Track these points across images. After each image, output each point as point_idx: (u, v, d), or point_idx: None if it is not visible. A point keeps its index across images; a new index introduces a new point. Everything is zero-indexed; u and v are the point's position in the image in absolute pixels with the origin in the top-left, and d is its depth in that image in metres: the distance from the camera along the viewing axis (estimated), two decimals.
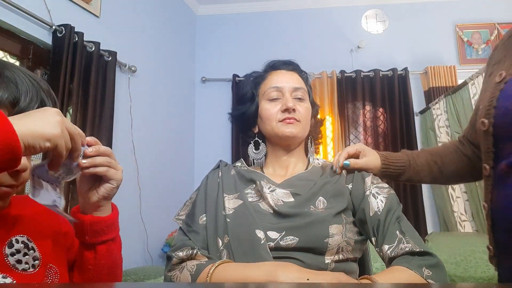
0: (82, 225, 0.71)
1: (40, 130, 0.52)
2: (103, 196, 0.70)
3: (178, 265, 0.89)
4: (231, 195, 0.98)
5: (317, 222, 0.90)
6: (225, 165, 1.08)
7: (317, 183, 0.99)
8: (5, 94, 0.61)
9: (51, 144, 0.53)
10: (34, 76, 0.69)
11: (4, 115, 0.50)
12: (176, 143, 3.22)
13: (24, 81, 0.65)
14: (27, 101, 0.63)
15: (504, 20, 3.38)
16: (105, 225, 0.73)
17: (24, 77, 0.66)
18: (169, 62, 3.21)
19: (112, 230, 0.75)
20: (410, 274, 0.79)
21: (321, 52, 3.49)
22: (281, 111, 1.03)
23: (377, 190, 0.95)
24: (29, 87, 0.65)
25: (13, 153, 0.49)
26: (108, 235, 0.74)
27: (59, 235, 0.78)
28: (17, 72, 0.66)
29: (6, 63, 0.67)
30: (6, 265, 0.65)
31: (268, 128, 1.05)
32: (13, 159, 0.49)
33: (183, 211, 1.02)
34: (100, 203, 0.71)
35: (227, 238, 0.89)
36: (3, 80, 0.63)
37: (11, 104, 0.62)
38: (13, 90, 0.63)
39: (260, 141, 1.09)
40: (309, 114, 1.07)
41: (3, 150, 0.48)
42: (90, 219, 0.71)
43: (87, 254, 0.73)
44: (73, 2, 2.19)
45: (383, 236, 0.88)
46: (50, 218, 0.78)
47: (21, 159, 0.51)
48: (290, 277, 0.75)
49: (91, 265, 0.74)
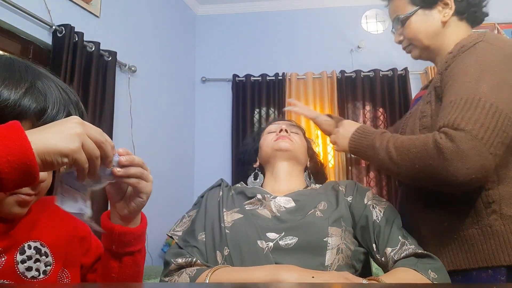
0: (111, 234, 0.72)
1: (56, 146, 0.51)
2: (134, 209, 0.70)
3: (177, 271, 0.88)
4: (230, 210, 0.98)
5: (316, 222, 0.90)
6: (226, 185, 1.11)
7: (318, 191, 1.04)
8: (33, 104, 0.61)
9: (69, 159, 0.52)
10: (65, 88, 0.69)
11: (22, 130, 0.49)
12: (176, 143, 3.22)
13: (54, 93, 0.65)
14: (53, 113, 0.63)
15: (504, 20, 3.38)
16: (133, 237, 0.73)
17: (54, 89, 0.66)
18: (169, 62, 3.21)
19: (139, 242, 0.75)
20: (416, 276, 0.79)
21: (321, 52, 3.48)
22: (276, 134, 1.16)
23: (376, 202, 0.98)
24: (57, 99, 0.65)
25: (29, 172, 0.48)
26: (135, 246, 0.75)
27: (75, 239, 0.79)
28: (49, 83, 0.66)
29: (41, 73, 0.68)
30: (15, 273, 0.65)
31: (266, 150, 1.15)
32: (30, 177, 0.49)
33: (179, 227, 1.01)
34: (131, 215, 0.72)
35: (227, 250, 0.88)
36: (34, 92, 0.63)
37: (37, 115, 0.62)
38: (41, 101, 0.63)
39: (259, 173, 1.18)
40: (303, 143, 1.17)
41: (19, 169, 0.47)
42: (119, 230, 0.71)
43: (112, 263, 0.74)
44: (73, 2, 2.19)
45: (385, 240, 0.89)
46: (67, 222, 0.79)
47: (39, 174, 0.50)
48: (294, 277, 0.74)
49: (115, 274, 0.74)
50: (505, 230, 0.87)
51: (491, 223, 0.88)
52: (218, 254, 0.89)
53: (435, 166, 0.81)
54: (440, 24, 1.03)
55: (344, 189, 1.03)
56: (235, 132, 3.40)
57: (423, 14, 1.03)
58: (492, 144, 0.79)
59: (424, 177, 0.85)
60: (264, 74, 3.42)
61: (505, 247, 0.86)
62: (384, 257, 0.88)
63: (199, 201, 1.07)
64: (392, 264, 0.86)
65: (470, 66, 0.89)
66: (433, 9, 1.03)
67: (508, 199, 0.88)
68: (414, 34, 1.05)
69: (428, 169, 0.83)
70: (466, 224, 0.90)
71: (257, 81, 3.44)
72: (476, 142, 0.79)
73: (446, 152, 0.80)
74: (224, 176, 1.29)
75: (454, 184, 0.81)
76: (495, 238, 0.87)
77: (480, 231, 0.89)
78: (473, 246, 0.89)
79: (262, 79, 3.41)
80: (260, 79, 3.42)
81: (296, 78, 3.40)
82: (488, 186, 0.89)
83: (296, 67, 3.43)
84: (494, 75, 0.86)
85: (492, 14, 1.10)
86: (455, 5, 1.01)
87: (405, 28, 1.07)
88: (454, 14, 1.02)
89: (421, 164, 0.84)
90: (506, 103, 0.83)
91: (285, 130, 1.16)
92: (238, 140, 3.34)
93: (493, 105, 0.82)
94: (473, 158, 0.78)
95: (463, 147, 0.79)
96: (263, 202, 0.99)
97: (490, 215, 0.88)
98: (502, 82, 0.85)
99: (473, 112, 0.81)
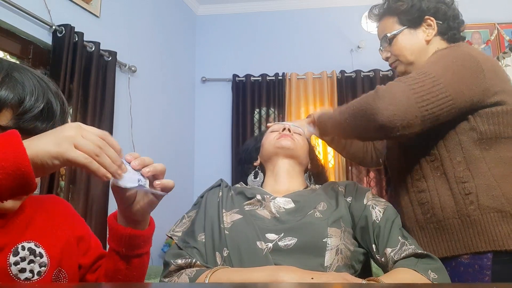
0: (121, 237, 0.71)
1: (45, 149, 0.51)
2: (146, 212, 0.71)
3: (176, 271, 0.88)
4: (229, 211, 0.98)
5: (316, 222, 0.90)
6: (226, 185, 1.11)
7: (317, 192, 1.04)
8: (10, 94, 0.62)
9: (60, 160, 0.52)
10: (42, 77, 0.69)
11: (18, 138, 0.50)
12: (176, 143, 3.22)
13: (31, 82, 0.66)
14: (32, 101, 0.64)
15: (504, 20, 3.38)
16: (143, 240, 0.74)
17: (31, 78, 0.66)
18: (169, 62, 3.21)
19: (148, 244, 0.76)
20: (416, 276, 0.80)
21: (321, 52, 3.48)
22: (278, 133, 1.17)
23: (376, 203, 0.98)
24: (35, 87, 0.66)
25: (24, 177, 0.49)
26: (144, 248, 0.75)
27: (72, 239, 0.78)
28: (25, 73, 0.66)
29: (17, 64, 0.68)
30: (8, 275, 0.65)
31: (268, 148, 1.15)
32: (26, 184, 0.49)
33: (179, 228, 1.01)
34: (144, 217, 0.72)
35: (227, 251, 0.88)
36: (11, 81, 0.64)
37: (16, 104, 0.63)
38: (19, 90, 0.64)
39: (259, 172, 1.18)
40: (305, 144, 1.18)
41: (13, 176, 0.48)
42: (130, 233, 0.71)
43: (120, 265, 0.74)
44: (73, 2, 2.19)
45: (385, 240, 0.89)
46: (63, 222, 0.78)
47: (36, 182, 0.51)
48: (293, 278, 0.74)
49: (121, 275, 0.74)
50: (482, 219, 0.94)
51: (469, 213, 0.95)
52: (218, 255, 0.89)
53: (369, 104, 0.92)
54: (424, 42, 1.14)
55: (343, 190, 1.03)
56: (235, 132, 3.40)
57: (409, 33, 1.15)
58: (420, 97, 0.89)
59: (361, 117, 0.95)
60: (264, 74, 3.42)
61: (482, 234, 0.93)
62: (384, 257, 0.88)
63: (198, 201, 1.07)
64: (392, 264, 0.86)
65: (434, 57, 1.03)
66: (418, 29, 1.14)
67: (484, 191, 0.95)
68: (400, 51, 1.16)
69: (365, 109, 0.93)
70: (447, 215, 0.98)
71: (257, 81, 3.44)
72: (407, 89, 0.90)
73: (379, 92, 0.91)
74: (224, 176, 1.30)
75: (379, 117, 0.89)
76: (473, 226, 0.94)
77: (460, 221, 0.96)
78: (453, 235, 0.97)
79: (262, 79, 3.41)
80: (260, 79, 3.42)
81: (296, 78, 3.40)
82: (463, 179, 0.97)
83: (296, 67, 3.43)
84: (449, 62, 0.97)
85: (492, 14, 1.15)
86: (437, 27, 1.13)
87: (392, 45, 1.17)
88: (436, 34, 1.14)
89: (362, 108, 0.95)
90: (449, 82, 0.92)
91: (287, 130, 1.17)
92: (238, 140, 3.34)
93: (436, 77, 0.92)
94: (399, 100, 0.88)
95: (394, 89, 0.91)
96: (263, 203, 0.99)
97: (468, 205, 0.96)
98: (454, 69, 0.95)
99: (418, 77, 0.93)
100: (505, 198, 0.94)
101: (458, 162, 0.98)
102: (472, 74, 0.95)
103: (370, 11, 1.24)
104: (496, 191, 0.95)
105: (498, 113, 0.97)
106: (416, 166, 1.04)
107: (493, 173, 0.96)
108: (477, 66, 0.96)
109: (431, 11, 1.13)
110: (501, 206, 0.94)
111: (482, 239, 0.93)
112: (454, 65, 0.96)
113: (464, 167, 0.97)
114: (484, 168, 0.97)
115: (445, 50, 1.05)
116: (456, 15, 1.16)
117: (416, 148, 1.05)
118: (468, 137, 0.98)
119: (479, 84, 0.95)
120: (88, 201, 2.03)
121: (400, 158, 1.10)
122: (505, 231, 0.92)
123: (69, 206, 0.85)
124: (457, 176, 0.98)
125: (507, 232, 0.92)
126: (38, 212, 0.73)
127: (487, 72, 0.96)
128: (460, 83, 0.93)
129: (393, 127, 0.89)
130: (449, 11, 1.14)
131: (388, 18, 1.18)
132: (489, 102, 0.97)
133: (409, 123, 0.89)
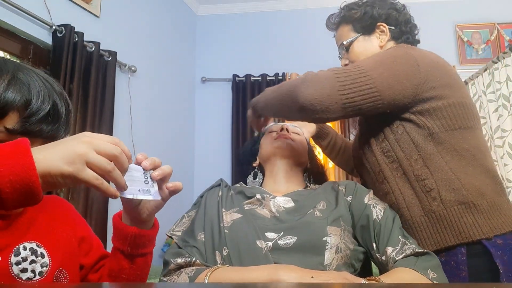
0: (126, 236, 0.72)
1: (58, 168, 0.50)
2: (153, 212, 0.72)
3: (176, 270, 0.88)
4: (229, 210, 0.98)
5: (315, 221, 0.90)
6: (226, 185, 1.11)
7: (317, 191, 1.04)
8: (17, 96, 0.62)
9: (71, 180, 0.51)
10: (47, 78, 0.69)
11: (28, 149, 0.49)
12: (176, 143, 3.22)
13: (37, 83, 0.65)
14: (38, 103, 0.64)
15: (504, 20, 3.38)
16: (147, 239, 0.74)
17: (37, 79, 0.66)
18: (169, 62, 3.21)
19: (151, 244, 0.76)
20: (415, 275, 0.79)
21: (321, 52, 3.48)
22: (276, 133, 1.18)
23: (376, 202, 0.99)
24: (41, 89, 0.65)
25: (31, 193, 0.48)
26: (148, 248, 0.76)
27: (73, 239, 0.78)
28: (30, 74, 0.66)
29: (21, 65, 0.68)
30: (10, 275, 0.65)
31: (266, 148, 1.15)
32: (32, 198, 0.49)
33: (178, 227, 1.01)
34: (150, 218, 0.73)
35: (226, 250, 0.88)
36: (17, 83, 0.63)
37: (23, 106, 0.63)
38: (25, 92, 0.63)
39: (259, 172, 1.18)
40: (303, 144, 1.18)
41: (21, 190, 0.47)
42: (135, 232, 0.72)
43: (124, 264, 0.74)
44: (73, 2, 2.19)
45: (385, 239, 0.89)
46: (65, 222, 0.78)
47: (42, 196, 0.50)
48: (293, 277, 0.74)
49: (125, 275, 0.75)
50: (447, 213, 0.96)
51: (434, 209, 0.97)
52: (217, 254, 0.88)
53: (296, 86, 0.97)
54: (378, 48, 1.17)
55: (344, 189, 1.03)
56: (235, 132, 3.40)
57: (363, 40, 1.19)
58: (344, 85, 0.93)
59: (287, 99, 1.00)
60: (264, 74, 3.42)
61: (450, 228, 0.95)
62: (384, 255, 0.87)
63: (198, 201, 1.07)
64: (392, 263, 0.86)
65: (374, 54, 1.06)
66: (372, 35, 1.18)
67: (444, 186, 0.97)
68: (356, 57, 1.19)
69: (291, 90, 0.98)
70: (413, 213, 0.99)
71: (257, 81, 3.44)
72: (332, 77, 0.94)
73: (308, 76, 0.97)
74: (224, 176, 1.30)
75: (300, 99, 0.94)
76: (439, 222, 0.96)
77: (426, 218, 0.98)
78: (422, 232, 0.98)
79: (262, 79, 3.42)
80: (260, 79, 3.42)
81: (296, 78, 3.39)
82: (422, 177, 0.99)
83: (296, 67, 3.43)
84: (382, 57, 1.00)
85: (492, 14, 1.14)
86: (390, 32, 1.17)
87: (349, 52, 1.22)
88: (390, 39, 1.18)
89: (289, 89, 1.00)
90: (378, 75, 0.95)
91: (286, 130, 1.17)
92: (238, 140, 3.34)
93: (365, 69, 0.95)
94: (323, 85, 0.93)
95: (320, 75, 0.96)
96: (262, 202, 0.99)
97: (432, 202, 0.97)
98: (385, 63, 0.98)
99: (347, 69, 0.98)
100: (465, 189, 0.95)
101: (415, 160, 0.99)
102: (405, 69, 0.97)
103: (327, 20, 1.28)
104: (455, 183, 0.96)
105: (439, 107, 0.98)
106: (377, 169, 1.06)
107: (450, 166, 0.97)
108: (411, 61, 0.98)
109: (382, 18, 1.17)
110: (462, 198, 0.95)
111: (450, 233, 0.94)
112: (387, 60, 0.98)
113: (421, 165, 0.99)
114: (441, 162, 0.98)
115: (386, 50, 1.07)
116: (407, 19, 1.20)
117: (375, 152, 1.06)
118: (418, 134, 0.99)
119: (412, 78, 0.96)
120: (88, 201, 2.03)
121: (365, 163, 1.12)
122: (470, 222, 0.93)
123: (70, 206, 0.86)
124: (416, 174, 0.99)
125: (471, 222, 0.93)
126: (40, 213, 0.73)
127: (423, 67, 0.98)
128: (389, 77, 0.95)
129: (313, 109, 0.93)
130: (400, 16, 1.18)
131: (344, 26, 1.22)
132: (426, 97, 0.98)
133: (328, 108, 0.93)
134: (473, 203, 0.95)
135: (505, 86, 2.26)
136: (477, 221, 0.93)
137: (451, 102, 0.99)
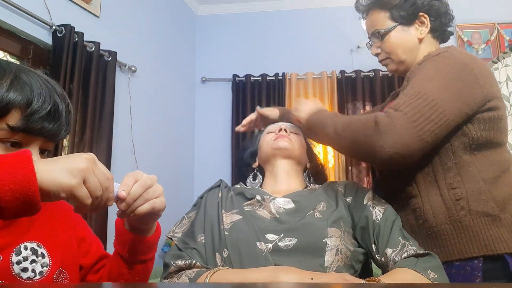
0: (125, 241, 0.72)
1: (58, 179, 0.51)
2: (152, 221, 0.72)
3: (176, 273, 0.88)
4: (229, 211, 0.98)
5: (315, 223, 0.90)
6: (225, 186, 1.11)
7: (317, 192, 1.03)
8: (19, 96, 0.63)
9: (66, 194, 0.52)
10: (48, 79, 0.70)
11: (30, 160, 0.49)
12: (176, 143, 3.22)
13: (38, 83, 0.67)
14: (39, 103, 0.65)
15: (504, 20, 3.38)
16: (147, 246, 0.74)
17: (38, 80, 0.67)
18: (169, 62, 3.21)
19: (152, 251, 0.76)
20: (416, 276, 0.79)
21: (321, 52, 3.48)
22: (275, 134, 1.16)
23: (376, 203, 0.98)
24: (42, 89, 0.67)
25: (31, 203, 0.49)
26: (147, 255, 0.76)
27: (73, 240, 0.79)
28: (32, 75, 0.68)
29: (24, 67, 0.69)
30: (10, 274, 0.65)
31: (265, 150, 1.15)
32: (31, 208, 0.50)
33: (178, 229, 1.01)
34: (148, 226, 0.73)
35: (226, 252, 0.88)
36: (19, 83, 0.65)
37: (25, 106, 0.64)
38: (27, 92, 0.64)
39: (258, 173, 1.18)
40: (302, 144, 1.17)
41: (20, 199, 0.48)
42: (133, 238, 0.72)
43: (123, 269, 0.75)
44: (73, 2, 2.19)
45: (385, 240, 0.89)
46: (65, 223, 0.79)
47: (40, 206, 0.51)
48: (293, 278, 0.74)
49: (124, 280, 0.75)
50: (473, 224, 0.94)
51: (461, 219, 0.95)
52: (218, 256, 0.88)
53: (369, 136, 0.91)
54: (416, 40, 1.11)
55: (343, 190, 1.03)
56: (235, 132, 3.40)
57: (401, 30, 1.11)
58: (421, 129, 0.89)
59: (360, 147, 0.94)
60: (264, 74, 3.42)
61: (474, 240, 0.94)
62: (384, 257, 0.87)
63: (198, 202, 1.07)
64: (393, 264, 0.85)
65: (429, 69, 0.99)
66: (411, 26, 1.11)
67: (474, 196, 0.96)
68: (393, 48, 1.12)
69: (364, 139, 0.92)
70: (439, 221, 0.98)
71: (257, 81, 3.44)
72: (408, 122, 0.89)
73: (381, 125, 0.89)
74: (223, 177, 1.29)
75: (380, 154, 0.89)
76: (465, 232, 0.95)
77: (451, 227, 0.96)
78: (446, 241, 0.96)
79: (262, 79, 3.41)
80: (260, 79, 3.42)
81: (296, 78, 3.40)
82: (454, 185, 0.97)
83: (296, 67, 3.43)
84: (445, 78, 0.95)
85: (492, 14, 1.14)
86: (430, 24, 1.10)
87: (384, 42, 1.13)
88: (429, 32, 1.11)
89: (360, 136, 0.93)
90: (446, 102, 0.92)
91: (284, 130, 1.16)
92: (238, 140, 3.34)
93: (434, 100, 0.91)
94: (401, 135, 0.88)
95: (396, 123, 0.89)
96: (262, 203, 0.99)
97: (459, 211, 0.96)
98: (450, 86, 0.94)
99: (415, 101, 0.91)
100: (494, 202, 0.95)
101: (449, 168, 0.98)
102: (468, 87, 0.95)
103: (357, 1, 1.19)
104: (485, 195, 0.95)
105: (491, 119, 0.97)
106: (405, 171, 1.02)
107: (482, 176, 0.97)
108: (471, 76, 0.96)
109: (425, 8, 1.09)
110: (490, 210, 0.94)
111: (474, 244, 0.93)
112: (450, 81, 0.95)
113: (455, 173, 0.97)
114: (474, 172, 0.97)
115: (437, 58, 1.02)
116: (447, 11, 1.13)
117: None
118: (459, 142, 0.98)
119: (476, 97, 0.95)
120: None
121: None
122: (495, 235, 0.93)
123: (71, 207, 0.86)
124: (448, 182, 0.98)
125: (497, 235, 0.93)
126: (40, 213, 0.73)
127: (482, 80, 0.96)
128: (457, 101, 0.93)
129: (394, 163, 0.91)
130: (442, 7, 1.11)
131: (379, 12, 1.13)
132: (484, 109, 0.97)
133: (411, 157, 0.90)
134: (498, 216, 0.94)
135: (505, 86, 2.26)
136: (502, 235, 0.93)
137: (500, 114, 0.99)
